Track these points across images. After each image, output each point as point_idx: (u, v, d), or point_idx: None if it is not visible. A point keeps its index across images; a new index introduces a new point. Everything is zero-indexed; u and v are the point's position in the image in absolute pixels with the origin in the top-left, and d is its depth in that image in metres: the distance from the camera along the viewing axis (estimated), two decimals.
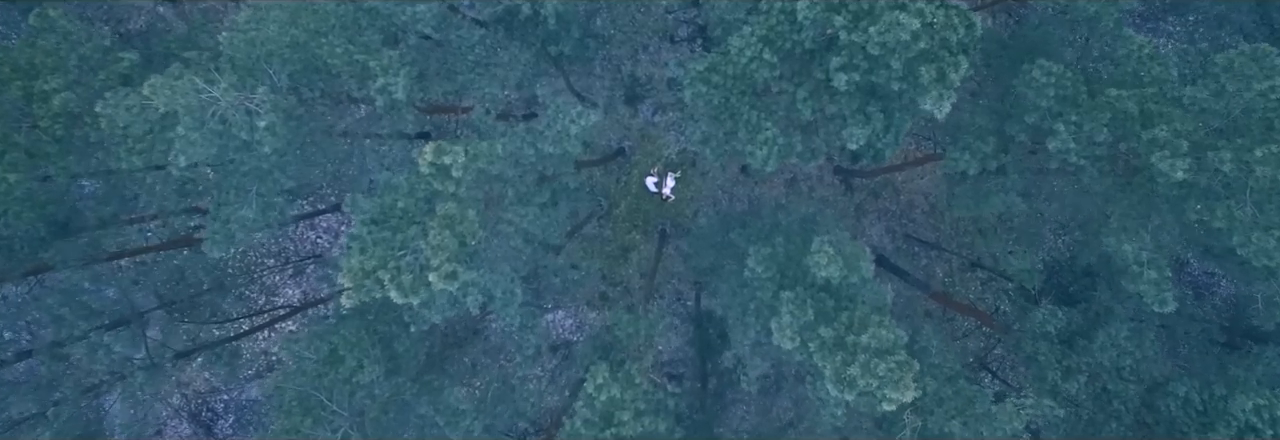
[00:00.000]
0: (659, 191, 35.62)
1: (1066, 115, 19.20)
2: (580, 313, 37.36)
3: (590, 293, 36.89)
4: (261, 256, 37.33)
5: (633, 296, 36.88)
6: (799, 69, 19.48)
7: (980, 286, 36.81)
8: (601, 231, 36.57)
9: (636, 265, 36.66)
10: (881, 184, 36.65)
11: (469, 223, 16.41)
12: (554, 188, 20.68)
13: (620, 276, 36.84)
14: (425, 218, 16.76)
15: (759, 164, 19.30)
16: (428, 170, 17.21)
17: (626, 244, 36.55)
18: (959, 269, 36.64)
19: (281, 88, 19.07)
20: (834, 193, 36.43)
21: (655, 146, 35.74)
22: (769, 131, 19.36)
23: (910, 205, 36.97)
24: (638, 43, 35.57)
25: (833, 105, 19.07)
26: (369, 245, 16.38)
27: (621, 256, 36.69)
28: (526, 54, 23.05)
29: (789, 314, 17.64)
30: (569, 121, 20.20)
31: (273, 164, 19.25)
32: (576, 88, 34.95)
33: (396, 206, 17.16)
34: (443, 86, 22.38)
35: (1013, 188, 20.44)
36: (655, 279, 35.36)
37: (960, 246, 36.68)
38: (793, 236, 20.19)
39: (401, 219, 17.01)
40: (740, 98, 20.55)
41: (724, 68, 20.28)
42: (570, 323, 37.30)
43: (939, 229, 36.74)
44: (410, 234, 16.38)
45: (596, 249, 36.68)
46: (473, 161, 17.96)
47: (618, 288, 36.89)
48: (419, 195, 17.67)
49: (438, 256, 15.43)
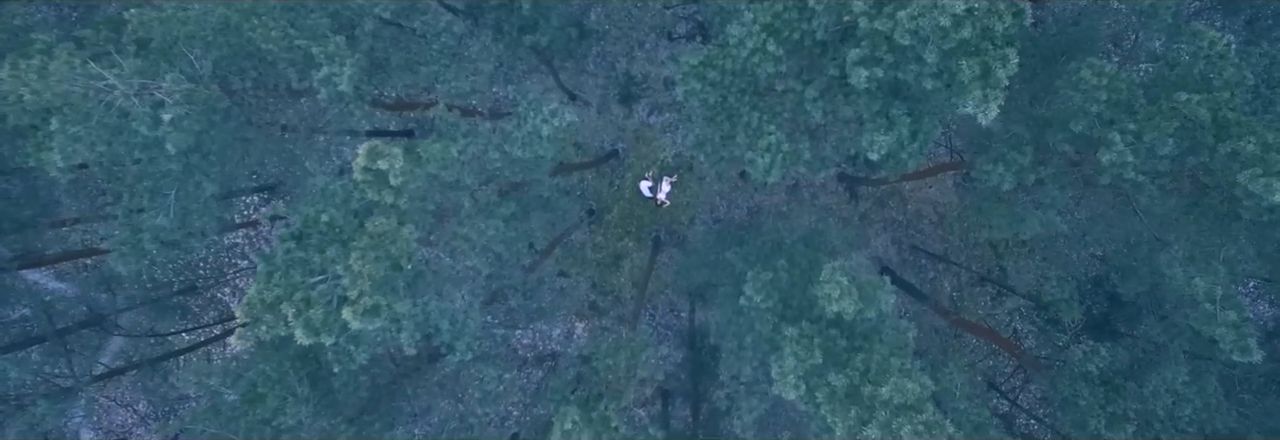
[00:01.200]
0: (653, 197, 31.89)
1: (1121, 123, 15.41)
2: (569, 322, 33.66)
3: (579, 302, 33.19)
4: (234, 257, 33.66)
5: (624, 307, 33.18)
6: (809, 64, 15.74)
7: (990, 302, 33.01)
8: (592, 238, 32.87)
9: (628, 274, 32.95)
10: (888, 193, 32.87)
11: (404, 241, 12.73)
12: (523, 198, 16.94)
13: (611, 285, 33.12)
14: (355, 234, 13.07)
15: (760, 174, 15.54)
16: (361, 177, 13.53)
17: (618, 251, 32.82)
18: (968, 283, 32.85)
19: (202, 76, 15.37)
20: (838, 201, 32.66)
21: (650, 149, 32.02)
22: (772, 136, 15.62)
23: (918, 215, 33.18)
24: (634, 39, 31.80)
25: (848, 107, 15.30)
26: (279, 268, 12.64)
27: (613, 264, 32.97)
28: (499, 44, 19.27)
29: (793, 356, 13.91)
30: (541, 121, 16.44)
31: (188, 165, 15.55)
32: (568, 86, 31.23)
33: (320, 220, 13.43)
34: (404, 79, 18.61)
35: (1053, 205, 16.67)
36: (648, 288, 31.65)
37: (970, 260, 32.89)
38: (796, 258, 16.43)
39: (325, 236, 13.28)
40: (740, 97, 16.80)
41: (721, 62, 16.52)
42: (558, 333, 33.58)
43: (947, 241, 32.95)
44: (329, 255, 12.66)
45: (587, 256, 33.00)
46: (419, 166, 14.24)
47: (608, 297, 33.17)
48: (353, 206, 13.98)
49: (357, 286, 11.70)
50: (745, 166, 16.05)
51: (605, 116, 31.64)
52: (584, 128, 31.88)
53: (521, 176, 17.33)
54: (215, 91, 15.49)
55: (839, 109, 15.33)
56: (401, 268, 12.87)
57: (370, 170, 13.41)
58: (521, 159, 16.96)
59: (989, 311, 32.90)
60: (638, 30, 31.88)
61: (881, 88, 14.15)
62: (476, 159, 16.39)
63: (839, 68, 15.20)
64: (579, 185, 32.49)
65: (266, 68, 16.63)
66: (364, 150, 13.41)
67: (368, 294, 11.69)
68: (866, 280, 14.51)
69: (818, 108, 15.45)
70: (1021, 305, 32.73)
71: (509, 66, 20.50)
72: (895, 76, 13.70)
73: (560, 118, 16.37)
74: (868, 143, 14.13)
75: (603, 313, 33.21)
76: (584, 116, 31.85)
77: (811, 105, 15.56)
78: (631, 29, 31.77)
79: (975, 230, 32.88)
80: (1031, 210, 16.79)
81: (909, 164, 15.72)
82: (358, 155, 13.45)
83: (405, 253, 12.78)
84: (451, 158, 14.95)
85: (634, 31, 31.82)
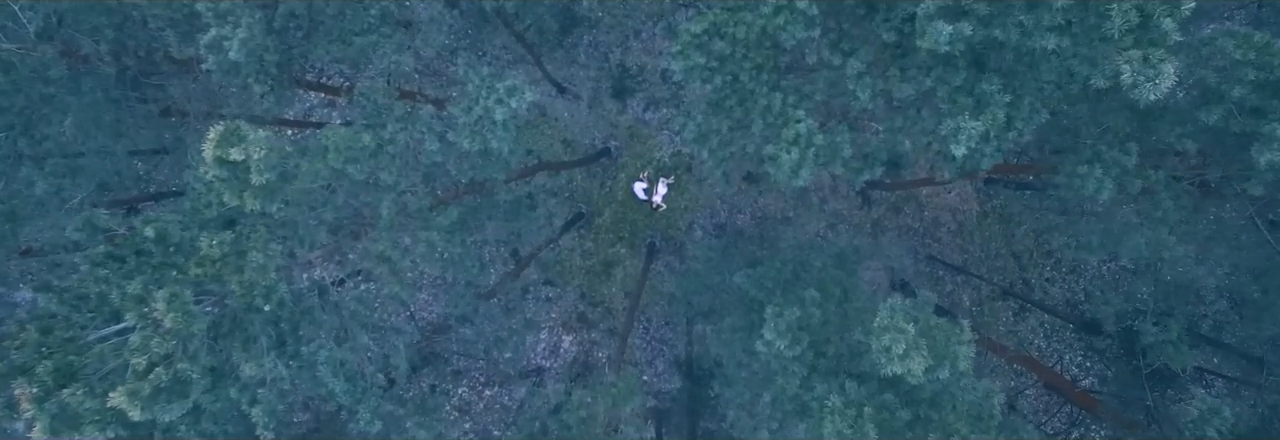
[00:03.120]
0: (648, 199, 26.86)
1: (1278, 111, 10.44)
2: (555, 335, 28.61)
3: (567, 313, 28.17)
4: None
5: (614, 319, 28.15)
6: (853, 25, 10.80)
7: (1012, 318, 27.92)
8: (581, 244, 27.85)
9: (620, 283, 27.90)
10: (904, 198, 27.84)
11: (259, 270, 7.78)
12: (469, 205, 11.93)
13: (601, 295, 28.07)
14: (189, 259, 8.07)
15: (784, 175, 10.49)
16: (214, 172, 8.55)
17: (610, 258, 27.80)
18: (989, 297, 27.78)
19: (27, 35, 10.38)
20: (849, 206, 27.61)
21: (646, 147, 27.00)
22: (801, 125, 10.62)
23: (935, 223, 28.12)
24: (629, 28, 26.75)
25: (907, 84, 10.32)
26: (55, 316, 7.66)
27: (604, 272, 27.93)
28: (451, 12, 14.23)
29: (835, 432, 8.94)
30: (495, 101, 11.44)
31: (16, 152, 10.54)
32: (556, 77, 26.22)
33: (144, 235, 8.40)
34: (333, 50, 13.61)
35: (1166, 221, 11.67)
36: (641, 299, 26.66)
37: (991, 272, 27.85)
38: (829, 288, 11.39)
39: (144, 260, 8.27)
40: (756, 74, 11.77)
41: (733, 29, 11.52)
42: (543, 346, 28.55)
43: (967, 251, 27.89)
44: (131, 292, 7.64)
45: (575, 263, 27.97)
46: (320, 160, 9.28)
47: (598, 308, 28.12)
48: (208, 215, 8.98)
49: (140, 354, 6.72)
50: (764, 165, 11.04)
51: (597, 111, 26.61)
52: (574, 123, 26.86)
53: (473, 175, 12.28)
54: (47, 54, 10.45)
55: (895, 88, 10.30)
56: (259, 309, 7.86)
57: (225, 162, 8.40)
58: (471, 152, 11.92)
59: (1010, 328, 27.85)
60: (634, 18, 26.84)
61: (966, 53, 9.13)
62: (409, 151, 11.38)
63: (895, 30, 10.17)
64: (567, 186, 27.47)
65: (135, 28, 11.62)
66: (214, 134, 8.39)
67: (165, 361, 6.73)
68: (936, 324, 9.49)
69: (864, 87, 10.40)
70: (1044, 321, 27.71)
71: (475, 41, 15.42)
72: (990, 36, 8.68)
73: (519, 98, 11.32)
74: (951, 131, 9.07)
75: (592, 325, 28.17)
76: (574, 111, 26.82)
77: (856, 83, 10.52)
78: (627, 16, 26.73)
79: (997, 240, 27.91)
80: (1137, 228, 11.75)
81: (985, 162, 10.69)
82: (207, 140, 8.45)
83: (264, 287, 7.77)
84: (361, 148, 9.94)
85: (629, 19, 26.78)
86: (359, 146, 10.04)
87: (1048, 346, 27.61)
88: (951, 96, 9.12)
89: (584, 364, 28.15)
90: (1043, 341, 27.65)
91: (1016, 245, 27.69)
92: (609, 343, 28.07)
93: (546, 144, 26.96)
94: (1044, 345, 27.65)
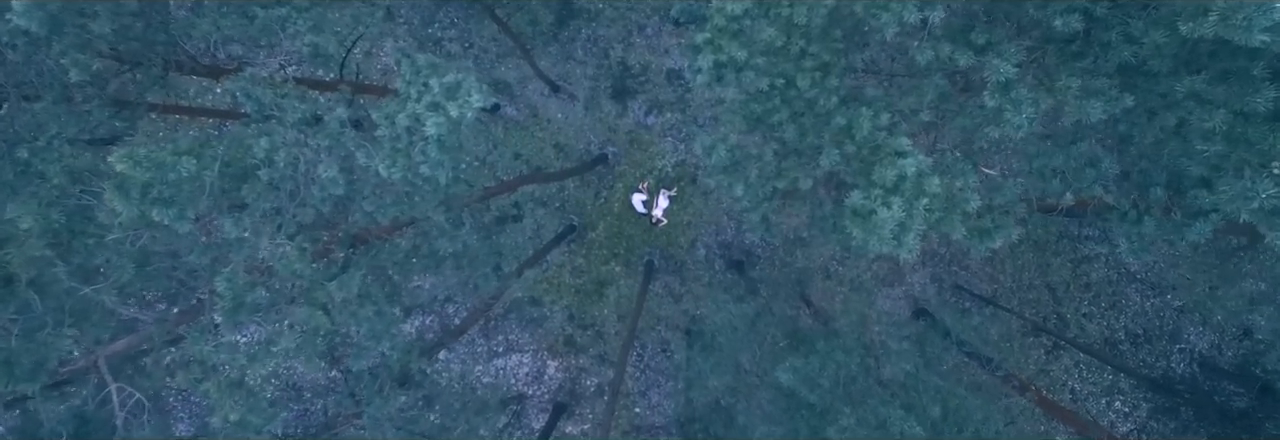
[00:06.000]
0: (648, 213, 22.36)
1: None
2: (540, 359, 24.15)
3: (553, 337, 23.70)
4: None
5: (605, 343, 23.69)
6: (996, 4, 6.35)
7: (1044, 356, 23.52)
8: (572, 260, 23.36)
9: (614, 304, 23.44)
10: None
11: None
12: (390, 253, 7.44)
13: (592, 317, 23.60)
14: None
15: (881, 241, 6.03)
16: None
17: (603, 277, 23.31)
18: (1019, 333, 23.37)
19: None
20: None
21: (647, 155, 22.48)
22: (909, 161, 6.19)
23: (963, 251, 23.68)
24: (632, 22, 22.16)
25: (1099, 101, 5.86)
26: None
27: (596, 292, 23.45)
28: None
29: None
30: (427, 106, 6.95)
31: None
32: (550, 75, 21.64)
33: None
34: (235, 25, 8.98)
35: None
36: (637, 323, 22.21)
37: (1023, 305, 23.43)
38: (923, 407, 6.91)
39: None
40: (820, 77, 7.33)
41: (789, 9, 7.00)
42: (526, 372, 24.07)
43: (997, 281, 23.43)
44: None
45: (564, 281, 23.49)
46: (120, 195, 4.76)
47: (588, 332, 23.64)
48: None
49: None
50: (842, 220, 6.53)
51: (594, 114, 22.04)
52: (568, 126, 22.31)
53: (395, 213, 7.72)
54: None
55: (1074, 107, 5.79)
56: None
57: None
58: (392, 182, 7.37)
59: (1042, 366, 23.45)
60: (637, 12, 22.27)
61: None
62: (291, 179, 6.82)
63: (1081, 13, 5.71)
64: (558, 195, 22.96)
65: None
66: None
67: None
68: None
69: (1021, 104, 5.91)
70: (1080, 361, 23.32)
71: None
72: None
73: (463, 103, 6.74)
74: (1239, 193, 4.58)
75: (581, 350, 23.69)
76: (568, 112, 22.26)
77: (1000, 97, 6.05)
78: (630, 9, 22.15)
79: (1031, 270, 23.48)
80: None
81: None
82: None
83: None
84: (183, 174, 5.41)
85: (633, 13, 22.21)
86: (181, 172, 5.52)
87: (1082, 389, 23.23)
88: (1243, 133, 4.62)
89: (570, 393, 23.70)
90: (1078, 384, 23.27)
91: (1052, 276, 23.25)
92: (598, 370, 23.62)
93: (536, 148, 22.44)
94: (1078, 388, 23.27)
